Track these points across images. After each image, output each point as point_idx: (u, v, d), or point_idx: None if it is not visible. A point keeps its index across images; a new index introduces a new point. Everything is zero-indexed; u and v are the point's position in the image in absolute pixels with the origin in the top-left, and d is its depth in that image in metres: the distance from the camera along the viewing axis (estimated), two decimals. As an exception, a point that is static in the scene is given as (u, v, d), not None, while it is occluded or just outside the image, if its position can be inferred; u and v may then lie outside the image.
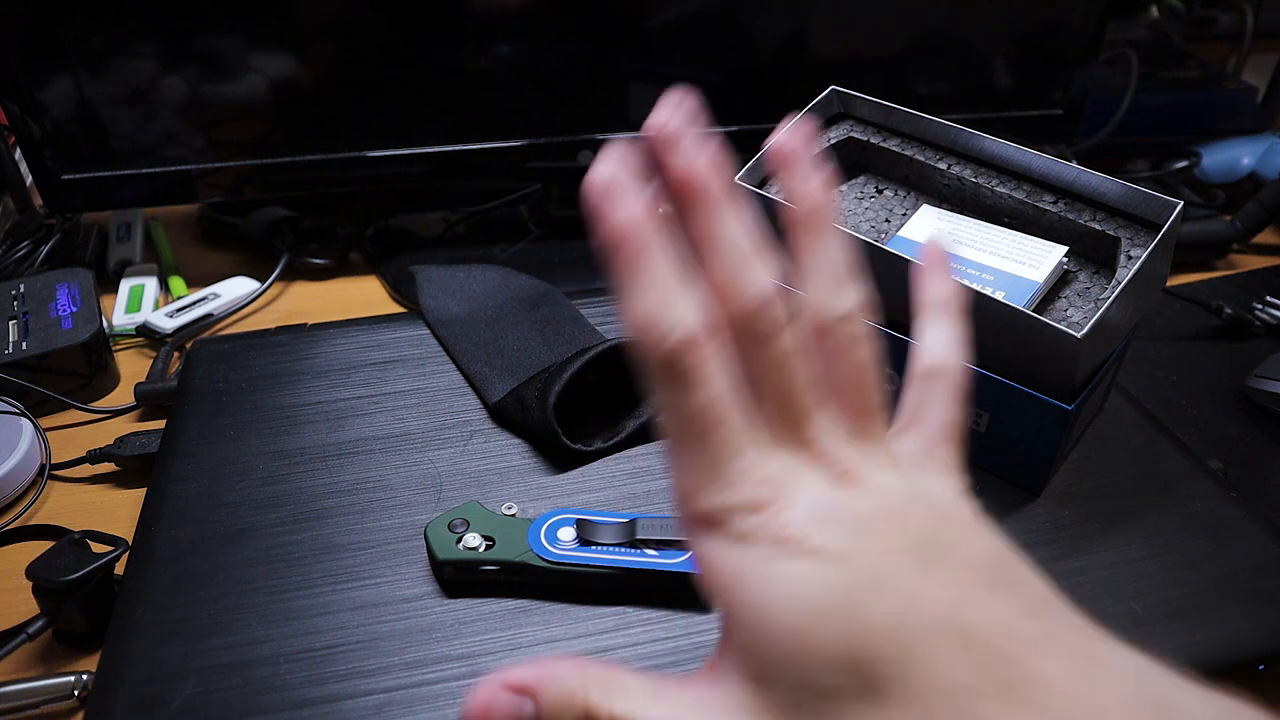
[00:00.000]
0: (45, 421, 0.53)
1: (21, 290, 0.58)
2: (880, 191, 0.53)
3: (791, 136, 0.25)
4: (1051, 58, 0.69)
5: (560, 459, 0.45)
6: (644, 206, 0.21)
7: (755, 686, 0.22)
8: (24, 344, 0.54)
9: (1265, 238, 0.73)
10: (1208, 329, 0.60)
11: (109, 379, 0.57)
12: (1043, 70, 0.69)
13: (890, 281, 0.46)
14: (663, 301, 0.21)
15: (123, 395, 0.57)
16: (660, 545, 0.38)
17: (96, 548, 0.41)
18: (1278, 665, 0.37)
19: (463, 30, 0.60)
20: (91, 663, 0.37)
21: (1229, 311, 0.59)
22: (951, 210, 0.50)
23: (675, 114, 0.22)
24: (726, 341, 0.22)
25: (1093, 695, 0.20)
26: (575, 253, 0.68)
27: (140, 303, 0.63)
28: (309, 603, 0.38)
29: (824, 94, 0.51)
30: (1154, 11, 0.98)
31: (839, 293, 0.24)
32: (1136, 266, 0.40)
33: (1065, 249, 0.45)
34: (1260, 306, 0.61)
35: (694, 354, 0.21)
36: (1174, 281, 0.65)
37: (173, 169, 0.61)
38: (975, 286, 0.42)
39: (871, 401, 0.24)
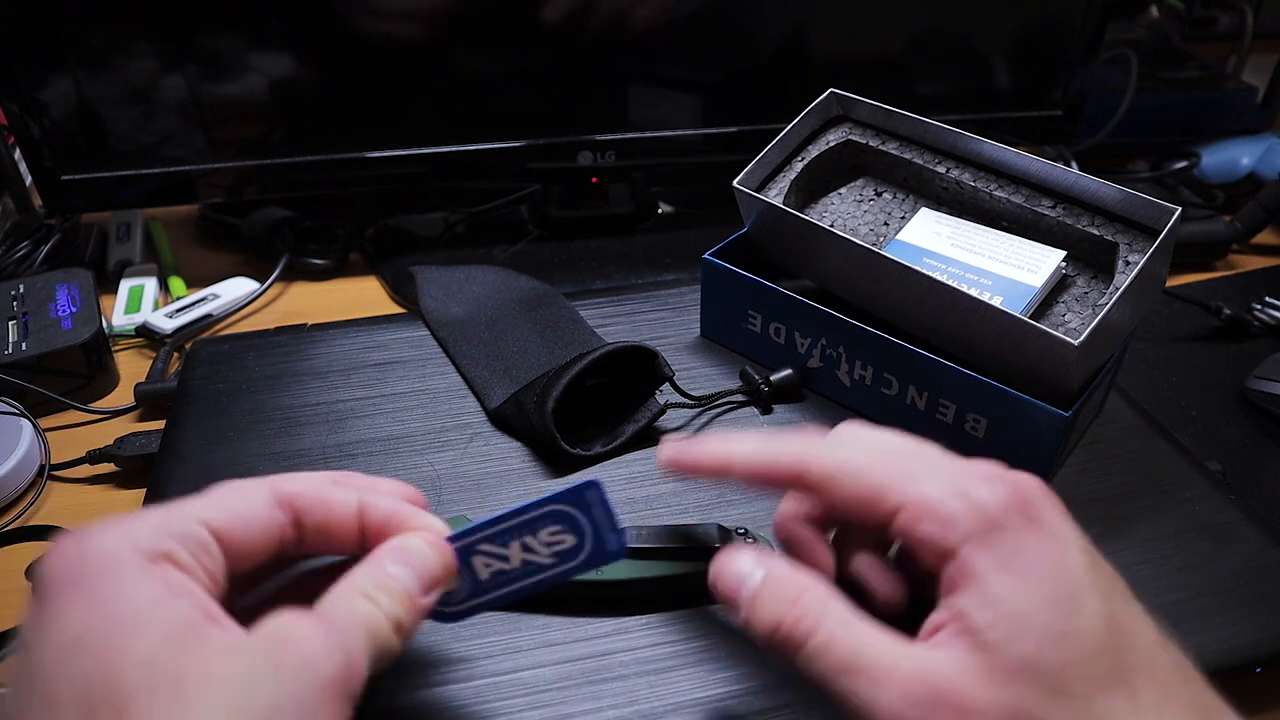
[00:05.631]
0: (45, 422, 0.53)
1: (21, 290, 0.58)
2: (879, 194, 0.53)
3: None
4: (1051, 58, 0.69)
5: (559, 463, 0.45)
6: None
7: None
8: (24, 344, 0.54)
9: (1265, 238, 0.73)
10: (1207, 330, 0.60)
11: (109, 379, 0.57)
12: (1042, 70, 0.69)
13: (888, 286, 0.46)
14: None
15: (122, 396, 0.57)
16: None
17: (97, 550, 0.40)
18: (1275, 668, 0.37)
19: (462, 30, 0.60)
20: (92, 665, 0.37)
21: (1228, 312, 0.59)
22: (950, 214, 0.50)
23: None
24: None
25: None
26: (575, 253, 0.68)
27: (140, 303, 0.63)
28: (309, 605, 0.38)
29: (823, 96, 0.51)
30: (1154, 11, 0.98)
31: None
32: (1134, 272, 0.40)
33: (1063, 254, 0.45)
34: (1260, 307, 0.61)
35: None
36: (1173, 282, 0.65)
37: (173, 169, 0.61)
38: (973, 292, 0.42)
39: None
